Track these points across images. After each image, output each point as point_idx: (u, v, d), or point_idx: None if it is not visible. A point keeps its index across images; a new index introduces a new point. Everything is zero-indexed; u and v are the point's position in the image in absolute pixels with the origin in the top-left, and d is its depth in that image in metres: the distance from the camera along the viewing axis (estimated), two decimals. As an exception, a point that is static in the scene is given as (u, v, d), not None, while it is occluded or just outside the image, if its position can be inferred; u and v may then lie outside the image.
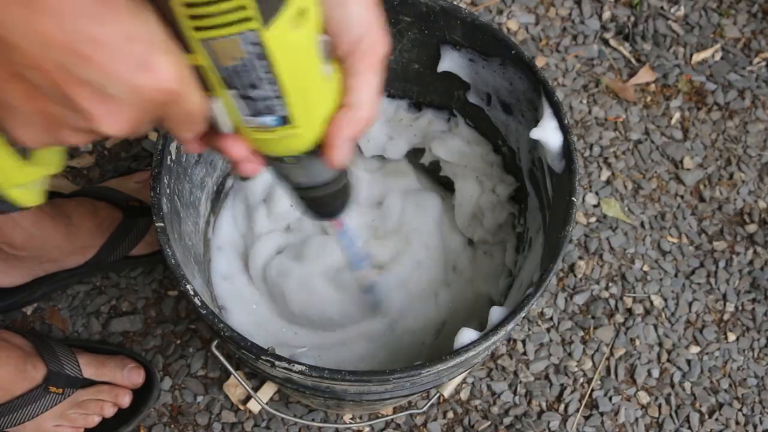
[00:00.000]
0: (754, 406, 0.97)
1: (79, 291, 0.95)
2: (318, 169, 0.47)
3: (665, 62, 1.16)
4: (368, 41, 0.43)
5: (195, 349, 0.93)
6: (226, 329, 0.56)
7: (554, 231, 0.65)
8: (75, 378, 0.83)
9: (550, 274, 0.59)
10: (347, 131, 0.43)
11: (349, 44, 0.42)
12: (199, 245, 0.75)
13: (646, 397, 0.96)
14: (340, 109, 0.43)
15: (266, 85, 0.37)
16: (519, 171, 0.78)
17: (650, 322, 0.99)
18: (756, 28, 1.20)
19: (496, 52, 0.69)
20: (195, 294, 0.57)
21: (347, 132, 0.43)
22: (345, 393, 0.63)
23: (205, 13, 0.33)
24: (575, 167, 0.63)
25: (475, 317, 0.81)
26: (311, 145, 0.44)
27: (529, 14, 1.18)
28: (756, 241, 1.06)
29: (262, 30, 0.34)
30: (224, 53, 0.35)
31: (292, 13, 0.35)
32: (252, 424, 0.90)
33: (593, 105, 1.12)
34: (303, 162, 0.45)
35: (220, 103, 0.39)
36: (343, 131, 0.43)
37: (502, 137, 0.78)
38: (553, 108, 0.65)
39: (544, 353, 0.96)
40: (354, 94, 0.43)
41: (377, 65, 0.44)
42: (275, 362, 0.56)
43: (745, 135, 1.13)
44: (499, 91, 0.73)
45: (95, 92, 0.33)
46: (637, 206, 1.06)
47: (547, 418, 0.93)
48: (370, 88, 0.44)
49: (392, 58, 0.76)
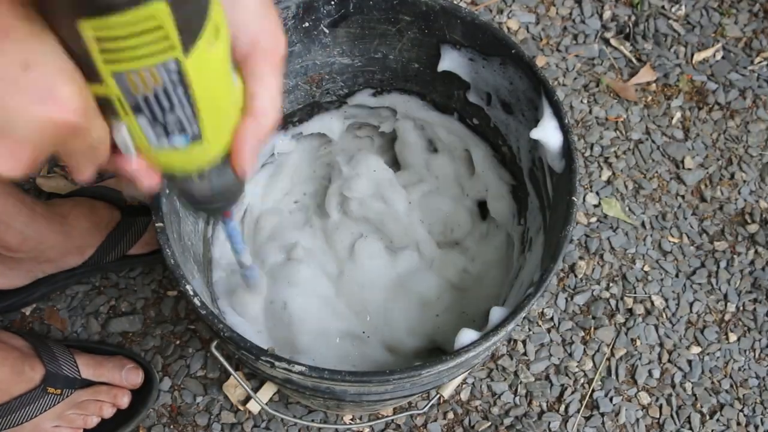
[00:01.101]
0: (755, 406, 0.96)
1: (78, 291, 0.95)
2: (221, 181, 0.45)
3: (666, 62, 1.16)
4: (265, 41, 0.41)
5: (194, 350, 0.93)
6: (225, 329, 0.56)
7: (554, 231, 0.65)
8: (73, 379, 0.82)
9: (550, 274, 0.59)
10: (254, 140, 0.42)
11: (246, 45, 0.40)
12: (198, 245, 0.75)
13: (647, 398, 0.95)
14: (244, 118, 0.42)
15: (181, 107, 0.35)
16: (519, 170, 0.77)
17: (651, 322, 0.99)
18: (757, 27, 1.20)
19: (496, 51, 0.69)
20: (194, 294, 0.57)
21: (254, 141, 0.42)
22: (345, 393, 0.62)
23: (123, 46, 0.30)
24: (575, 167, 0.63)
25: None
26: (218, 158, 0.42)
27: (529, 13, 1.18)
28: (757, 241, 1.05)
29: (182, 57, 0.32)
30: (140, 83, 0.33)
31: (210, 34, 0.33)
32: (251, 424, 0.90)
33: (594, 105, 1.12)
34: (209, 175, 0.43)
35: (125, 128, 0.36)
36: (250, 140, 0.42)
37: (502, 137, 0.78)
38: (553, 108, 0.65)
39: (545, 353, 0.96)
40: (257, 100, 0.41)
41: (277, 66, 0.42)
42: (275, 363, 0.55)
43: (746, 135, 1.12)
44: (499, 91, 0.73)
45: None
46: (637, 206, 1.06)
47: (548, 419, 0.93)
48: (273, 91, 0.42)
49: (392, 58, 0.76)
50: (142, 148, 0.38)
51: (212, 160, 0.42)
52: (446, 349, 0.81)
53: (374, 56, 0.76)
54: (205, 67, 0.34)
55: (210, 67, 0.35)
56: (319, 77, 0.77)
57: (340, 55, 0.75)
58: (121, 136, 0.37)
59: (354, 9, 0.70)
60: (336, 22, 0.71)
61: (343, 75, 0.78)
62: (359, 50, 0.75)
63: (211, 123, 0.38)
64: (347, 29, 0.72)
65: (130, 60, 0.31)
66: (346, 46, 0.74)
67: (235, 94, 0.40)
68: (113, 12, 0.29)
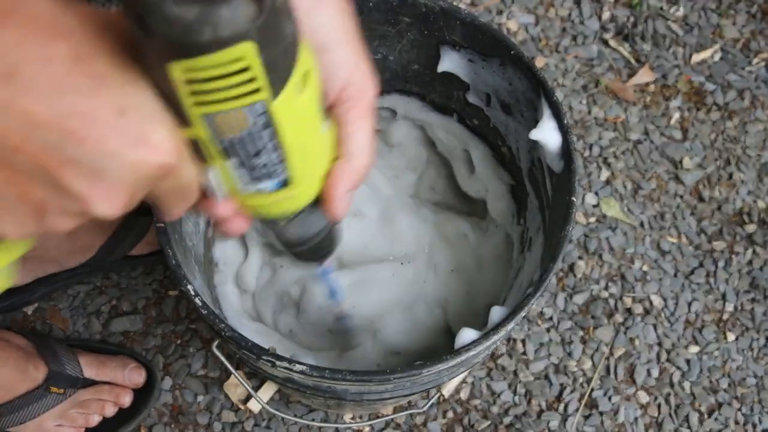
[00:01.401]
0: (753, 405, 0.97)
1: (79, 291, 0.95)
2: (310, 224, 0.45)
3: (665, 62, 1.16)
4: (356, 86, 0.41)
5: (195, 349, 0.94)
6: (227, 329, 0.56)
7: (554, 231, 0.65)
8: (76, 378, 0.83)
9: (550, 273, 0.59)
10: (347, 183, 0.42)
11: (337, 91, 0.41)
12: (199, 245, 0.75)
13: (646, 397, 0.96)
14: (336, 162, 0.41)
15: (270, 152, 0.35)
16: (518, 171, 0.78)
17: (650, 321, 1.00)
18: (755, 28, 1.20)
19: (496, 52, 0.69)
20: (196, 294, 0.57)
21: (347, 184, 0.42)
22: (346, 392, 0.63)
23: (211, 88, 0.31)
24: (575, 167, 0.63)
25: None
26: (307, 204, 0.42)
27: (528, 15, 1.18)
28: (755, 241, 1.06)
29: (270, 100, 0.32)
30: (228, 125, 0.33)
31: (298, 78, 0.33)
32: (252, 423, 0.90)
33: (593, 105, 1.12)
34: (296, 220, 0.43)
35: (216, 172, 0.37)
36: (343, 184, 0.42)
37: (502, 137, 0.78)
38: (552, 108, 0.65)
39: (544, 353, 0.97)
40: (349, 144, 0.41)
41: (369, 110, 0.42)
42: (276, 362, 0.56)
43: (745, 135, 1.13)
44: (498, 92, 0.73)
45: (87, 172, 0.30)
46: (636, 206, 1.06)
47: (547, 418, 0.94)
48: (365, 135, 0.42)
49: (392, 59, 0.76)
50: (231, 192, 0.39)
51: (302, 206, 0.42)
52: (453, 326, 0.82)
53: (374, 57, 0.76)
54: (294, 111, 0.34)
55: (298, 112, 0.35)
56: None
57: (340, 56, 0.76)
58: (210, 179, 0.37)
59: (353, 10, 0.70)
60: (336, 23, 0.71)
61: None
62: (359, 51, 0.75)
63: (299, 169, 0.38)
64: (347, 30, 0.72)
65: (219, 102, 0.31)
66: (345, 47, 0.74)
67: (323, 141, 0.40)
68: (202, 53, 0.29)
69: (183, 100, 0.31)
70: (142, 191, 0.34)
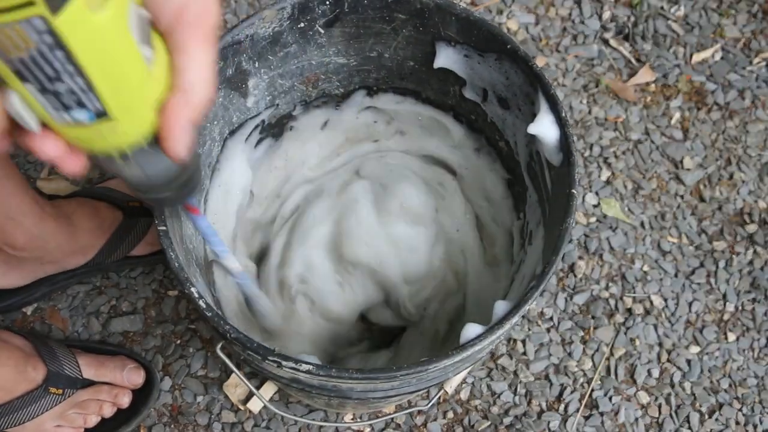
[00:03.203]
0: (754, 406, 0.97)
1: (79, 291, 0.95)
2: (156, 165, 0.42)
3: (665, 62, 1.16)
4: (194, 10, 0.38)
5: (195, 349, 0.94)
6: (232, 331, 0.56)
7: (554, 224, 0.65)
8: (75, 378, 0.83)
9: (552, 266, 0.59)
10: (183, 118, 0.39)
11: (171, 15, 0.37)
12: (199, 248, 0.75)
13: (646, 397, 0.96)
14: (170, 95, 0.38)
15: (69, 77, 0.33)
16: (517, 165, 0.77)
17: (650, 322, 0.99)
18: (756, 28, 1.20)
19: (492, 47, 0.69)
20: (200, 297, 0.57)
21: (183, 118, 0.39)
22: (351, 391, 0.62)
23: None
24: (574, 160, 0.63)
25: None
26: (139, 139, 0.39)
27: (529, 14, 1.18)
28: (756, 241, 1.05)
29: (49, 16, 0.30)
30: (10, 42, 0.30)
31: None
32: (252, 423, 0.90)
33: (593, 105, 1.12)
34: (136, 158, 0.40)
35: (18, 97, 0.34)
36: (179, 118, 0.39)
37: (499, 132, 0.78)
38: (549, 102, 0.65)
39: (544, 353, 0.96)
40: (184, 75, 0.38)
41: (208, 38, 0.39)
42: (282, 362, 0.56)
43: (745, 135, 1.12)
44: (495, 86, 0.73)
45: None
46: (637, 206, 1.06)
47: (547, 418, 0.93)
48: (202, 64, 0.39)
49: (387, 56, 0.76)
50: (46, 122, 0.36)
51: (132, 141, 0.39)
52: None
53: (369, 55, 0.76)
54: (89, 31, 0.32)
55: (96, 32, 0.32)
56: (314, 77, 0.77)
57: (335, 54, 0.75)
58: (13, 104, 0.34)
59: (349, 8, 0.70)
60: (331, 21, 0.71)
61: (339, 75, 0.78)
62: (354, 49, 0.75)
63: (113, 99, 0.35)
64: (342, 29, 0.72)
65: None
66: (341, 45, 0.74)
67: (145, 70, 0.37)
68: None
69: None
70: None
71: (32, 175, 1.00)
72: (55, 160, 0.38)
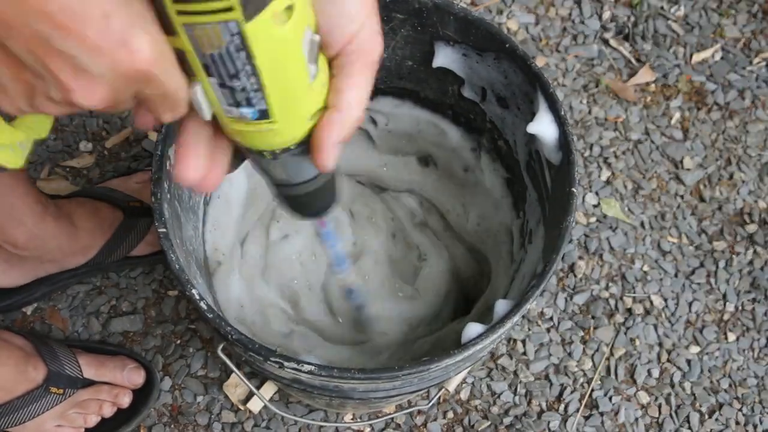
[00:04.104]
0: (754, 406, 0.97)
1: (79, 291, 0.95)
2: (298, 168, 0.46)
3: (665, 62, 1.16)
4: (361, 40, 0.41)
5: (195, 349, 0.93)
6: (234, 333, 0.56)
7: (554, 223, 0.65)
8: (75, 378, 0.83)
9: (553, 264, 0.59)
10: (336, 134, 0.42)
11: (342, 43, 0.41)
12: (199, 249, 0.75)
13: (646, 397, 0.96)
14: (328, 111, 0.42)
15: (246, 76, 0.37)
16: (516, 164, 0.77)
17: (650, 322, 0.99)
18: (756, 28, 1.20)
19: (490, 46, 0.69)
20: (201, 298, 0.57)
21: (336, 135, 0.42)
22: (353, 391, 0.62)
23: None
24: (573, 158, 0.63)
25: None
26: (291, 143, 0.43)
27: (529, 14, 1.18)
28: (756, 241, 1.06)
29: (243, 22, 0.34)
30: (207, 40, 0.35)
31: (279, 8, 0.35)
32: (252, 424, 0.90)
33: (593, 105, 1.12)
34: (282, 159, 0.45)
35: (201, 88, 0.38)
36: (332, 134, 0.42)
37: (498, 131, 0.78)
38: (548, 100, 0.65)
39: (544, 353, 0.96)
40: (345, 95, 0.42)
41: (369, 66, 0.42)
42: (284, 363, 0.55)
43: (745, 135, 1.13)
44: (494, 85, 0.73)
45: (71, 64, 0.33)
46: (637, 206, 1.06)
47: (547, 418, 0.93)
48: (362, 90, 0.42)
49: (386, 56, 0.76)
50: (217, 112, 0.40)
51: (283, 144, 0.43)
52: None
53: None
54: (270, 41, 0.36)
55: (276, 43, 0.36)
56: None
57: (333, 55, 0.75)
58: (195, 93, 0.39)
59: None
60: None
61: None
62: (352, 50, 0.75)
63: (278, 103, 0.39)
64: (340, 29, 0.72)
65: (196, 14, 0.33)
66: (339, 46, 0.74)
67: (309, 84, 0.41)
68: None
69: (167, 7, 0.33)
70: (124, 92, 0.35)
71: (32, 175, 1.00)
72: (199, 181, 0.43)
